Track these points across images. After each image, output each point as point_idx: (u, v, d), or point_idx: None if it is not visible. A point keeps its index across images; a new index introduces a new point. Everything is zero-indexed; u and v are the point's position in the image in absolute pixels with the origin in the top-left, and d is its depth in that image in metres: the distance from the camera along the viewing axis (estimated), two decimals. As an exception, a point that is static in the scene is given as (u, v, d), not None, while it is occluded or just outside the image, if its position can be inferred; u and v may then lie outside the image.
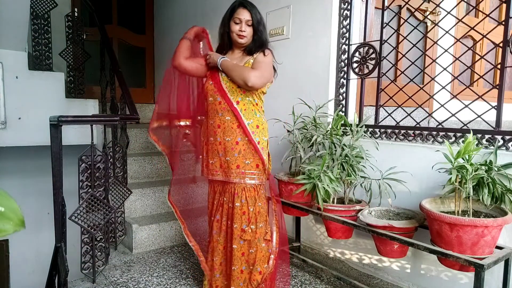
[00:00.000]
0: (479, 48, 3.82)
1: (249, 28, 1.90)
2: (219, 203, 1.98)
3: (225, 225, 1.96)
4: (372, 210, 1.97)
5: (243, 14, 1.88)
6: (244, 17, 1.88)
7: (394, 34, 2.27)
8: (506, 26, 1.70)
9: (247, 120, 1.88)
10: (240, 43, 1.92)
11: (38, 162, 3.34)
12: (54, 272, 1.96)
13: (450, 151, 1.59)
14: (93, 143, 2.05)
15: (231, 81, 1.88)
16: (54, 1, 2.89)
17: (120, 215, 2.68)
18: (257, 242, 1.90)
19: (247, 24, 1.89)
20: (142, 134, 3.57)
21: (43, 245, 3.46)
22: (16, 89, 2.65)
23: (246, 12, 1.88)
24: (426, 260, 1.98)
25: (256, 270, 1.91)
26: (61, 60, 3.07)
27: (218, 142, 1.92)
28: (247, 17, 1.88)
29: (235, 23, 1.89)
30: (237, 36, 1.90)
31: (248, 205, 1.89)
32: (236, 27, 1.89)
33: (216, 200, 2.00)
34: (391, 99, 2.19)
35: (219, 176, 1.95)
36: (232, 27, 1.90)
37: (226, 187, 1.94)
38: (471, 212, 1.58)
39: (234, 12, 1.89)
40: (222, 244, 1.99)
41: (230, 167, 1.90)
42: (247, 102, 1.90)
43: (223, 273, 2.01)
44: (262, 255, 1.92)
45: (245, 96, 1.89)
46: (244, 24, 1.88)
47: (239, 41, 1.91)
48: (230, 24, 1.91)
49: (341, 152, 2.00)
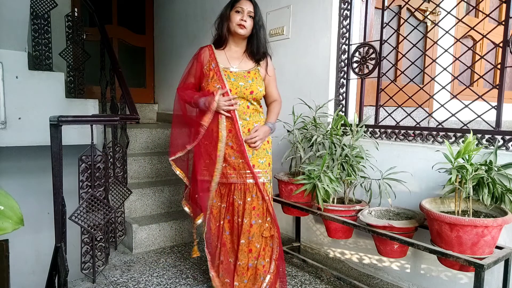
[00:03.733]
0: (479, 48, 3.82)
1: (250, 19, 1.87)
2: (228, 204, 1.95)
3: (237, 223, 1.93)
4: (372, 210, 1.97)
5: (245, 5, 1.85)
6: (246, 7, 1.85)
7: (394, 34, 2.27)
8: (506, 26, 1.70)
9: (255, 122, 1.95)
10: (239, 33, 1.87)
11: (38, 162, 3.34)
12: (54, 272, 1.96)
13: (450, 151, 1.59)
14: (93, 143, 2.05)
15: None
16: (54, 1, 2.88)
17: (120, 215, 2.68)
18: (262, 236, 1.92)
19: (249, 15, 1.86)
20: (142, 134, 3.57)
21: (43, 245, 3.46)
22: (16, 89, 2.65)
23: (249, 4, 1.86)
24: (426, 260, 1.98)
25: (260, 264, 1.92)
26: (61, 60, 3.07)
27: (230, 146, 1.91)
28: (250, 8, 1.86)
29: (236, 12, 1.85)
30: (237, 26, 1.85)
31: (258, 200, 1.91)
32: (237, 17, 1.85)
33: (224, 202, 1.96)
34: (391, 99, 2.19)
35: (234, 178, 1.92)
36: (232, 17, 1.86)
37: (235, 187, 1.92)
38: (471, 212, 1.58)
39: (237, 2, 1.86)
40: (235, 243, 1.95)
41: (245, 167, 1.89)
42: (253, 110, 1.96)
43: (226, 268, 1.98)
44: (267, 250, 1.94)
45: (252, 107, 1.95)
46: (246, 15, 1.85)
47: (238, 31, 1.86)
48: (230, 14, 1.86)
49: (341, 152, 2.00)
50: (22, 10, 2.53)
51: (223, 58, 1.92)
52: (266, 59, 1.99)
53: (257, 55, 1.94)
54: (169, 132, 3.71)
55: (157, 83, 4.80)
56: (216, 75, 1.88)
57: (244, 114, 1.91)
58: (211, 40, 2.02)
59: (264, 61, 1.98)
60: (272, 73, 2.03)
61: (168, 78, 4.50)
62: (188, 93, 1.94)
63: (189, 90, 1.96)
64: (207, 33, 3.70)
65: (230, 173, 1.91)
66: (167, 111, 4.54)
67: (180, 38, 4.18)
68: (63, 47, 3.04)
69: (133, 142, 3.45)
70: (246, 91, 1.89)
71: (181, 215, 2.99)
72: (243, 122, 1.91)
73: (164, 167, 3.36)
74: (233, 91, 1.87)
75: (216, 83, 1.87)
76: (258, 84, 1.93)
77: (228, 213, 1.95)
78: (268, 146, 2.00)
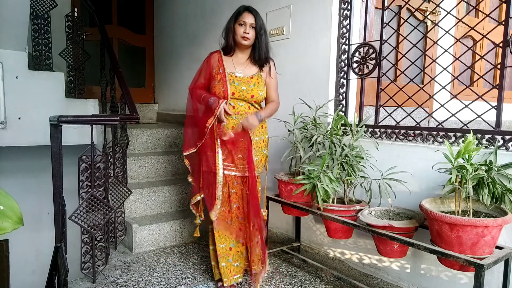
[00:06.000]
0: (479, 48, 3.82)
1: (252, 30, 2.08)
2: (235, 194, 2.17)
3: (244, 211, 2.17)
4: (372, 210, 1.97)
5: (247, 18, 2.06)
6: (248, 20, 2.06)
7: (394, 34, 2.27)
8: (506, 26, 1.70)
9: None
10: (243, 44, 2.10)
11: (38, 162, 3.34)
12: (54, 272, 1.96)
13: (450, 151, 1.59)
14: (93, 143, 2.05)
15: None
16: (54, 1, 2.88)
17: (120, 215, 2.68)
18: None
19: (251, 27, 2.07)
20: (142, 134, 3.57)
21: (43, 245, 3.46)
22: (16, 89, 2.65)
23: (251, 16, 2.07)
24: (426, 260, 1.98)
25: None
26: (61, 60, 3.07)
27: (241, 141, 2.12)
28: (251, 20, 2.06)
29: (239, 25, 2.08)
30: (241, 38, 2.08)
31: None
32: (241, 30, 2.07)
33: (233, 193, 2.17)
34: (391, 99, 2.19)
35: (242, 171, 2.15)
36: (237, 30, 2.08)
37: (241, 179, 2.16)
38: (471, 212, 1.58)
39: (240, 16, 2.08)
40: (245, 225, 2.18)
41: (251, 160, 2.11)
42: (254, 112, 2.14)
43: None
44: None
45: (253, 108, 2.15)
46: (248, 27, 2.06)
47: (242, 42, 2.08)
48: (235, 27, 2.09)
49: (341, 152, 2.00)
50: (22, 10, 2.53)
51: (229, 64, 2.15)
52: (269, 64, 2.18)
53: (260, 61, 2.15)
54: (169, 132, 3.73)
55: (157, 83, 4.80)
56: (222, 80, 2.10)
57: (246, 114, 2.10)
58: (220, 45, 2.21)
59: (267, 66, 2.18)
60: (274, 76, 2.21)
61: (168, 78, 4.50)
62: (199, 92, 2.18)
63: (199, 90, 2.19)
64: (207, 33, 3.72)
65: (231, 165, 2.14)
66: (167, 111, 4.54)
67: (180, 38, 4.18)
68: (63, 47, 3.04)
69: (133, 142, 3.45)
70: (247, 95, 2.09)
71: (181, 215, 2.99)
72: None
73: (164, 167, 3.36)
74: (236, 94, 2.08)
75: (221, 86, 2.09)
76: (259, 89, 2.13)
77: (237, 201, 2.18)
78: (264, 145, 2.20)
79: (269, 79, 2.18)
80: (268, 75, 2.18)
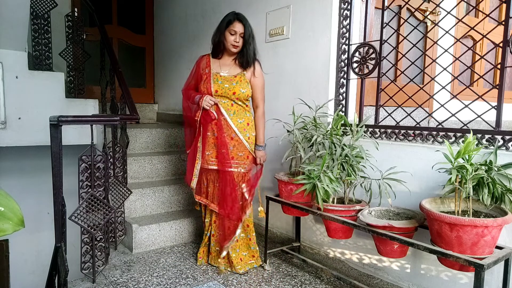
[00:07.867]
0: (479, 48, 3.82)
1: (241, 39, 2.24)
2: (214, 188, 2.39)
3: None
4: (372, 210, 1.97)
5: (238, 27, 2.21)
6: (238, 29, 2.21)
7: (394, 34, 2.27)
8: (506, 26, 1.70)
9: (240, 119, 2.31)
10: (233, 52, 2.27)
11: (38, 162, 3.34)
12: (54, 272, 1.96)
13: (450, 151, 1.59)
14: (93, 143, 2.05)
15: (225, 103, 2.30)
16: (54, 1, 2.88)
17: (120, 215, 2.68)
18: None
19: (241, 36, 2.23)
20: (142, 134, 3.57)
21: (43, 245, 3.46)
22: (16, 89, 2.65)
23: (241, 26, 2.22)
24: (426, 260, 1.98)
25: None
26: (61, 60, 3.07)
27: (215, 137, 2.31)
28: (241, 30, 2.22)
29: (230, 34, 2.22)
30: (231, 46, 2.24)
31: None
32: (231, 38, 2.23)
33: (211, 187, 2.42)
34: (391, 99, 2.19)
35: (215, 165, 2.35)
36: (227, 37, 2.24)
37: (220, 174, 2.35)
38: (471, 212, 1.58)
39: (230, 24, 2.21)
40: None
41: (227, 157, 2.31)
42: (238, 108, 2.31)
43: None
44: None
45: (236, 105, 2.31)
46: (238, 36, 2.22)
47: (232, 50, 2.26)
48: (225, 34, 2.23)
49: (341, 152, 2.00)
50: (22, 10, 2.53)
51: (216, 65, 2.32)
52: (253, 65, 2.30)
53: (247, 65, 2.29)
54: (169, 132, 3.73)
55: (157, 83, 4.80)
56: (207, 79, 2.28)
57: (228, 111, 2.28)
58: (210, 48, 2.36)
59: (251, 67, 2.30)
60: (259, 75, 2.32)
61: (168, 78, 4.50)
62: (189, 92, 2.39)
63: (190, 90, 2.40)
64: (207, 33, 3.71)
65: (213, 160, 2.36)
66: (167, 111, 4.54)
67: (180, 38, 4.18)
68: (63, 47, 3.04)
69: (133, 142, 3.45)
70: (229, 92, 2.26)
71: (181, 215, 2.99)
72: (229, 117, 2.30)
73: (164, 167, 3.36)
74: (219, 91, 2.25)
75: (206, 84, 2.28)
76: (241, 86, 2.27)
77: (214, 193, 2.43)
78: (250, 142, 2.35)
79: (253, 78, 2.30)
80: (253, 74, 2.30)
